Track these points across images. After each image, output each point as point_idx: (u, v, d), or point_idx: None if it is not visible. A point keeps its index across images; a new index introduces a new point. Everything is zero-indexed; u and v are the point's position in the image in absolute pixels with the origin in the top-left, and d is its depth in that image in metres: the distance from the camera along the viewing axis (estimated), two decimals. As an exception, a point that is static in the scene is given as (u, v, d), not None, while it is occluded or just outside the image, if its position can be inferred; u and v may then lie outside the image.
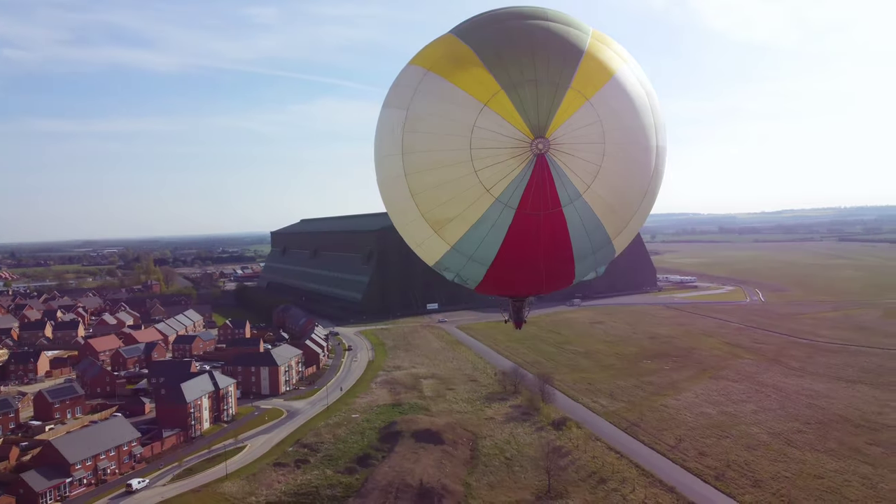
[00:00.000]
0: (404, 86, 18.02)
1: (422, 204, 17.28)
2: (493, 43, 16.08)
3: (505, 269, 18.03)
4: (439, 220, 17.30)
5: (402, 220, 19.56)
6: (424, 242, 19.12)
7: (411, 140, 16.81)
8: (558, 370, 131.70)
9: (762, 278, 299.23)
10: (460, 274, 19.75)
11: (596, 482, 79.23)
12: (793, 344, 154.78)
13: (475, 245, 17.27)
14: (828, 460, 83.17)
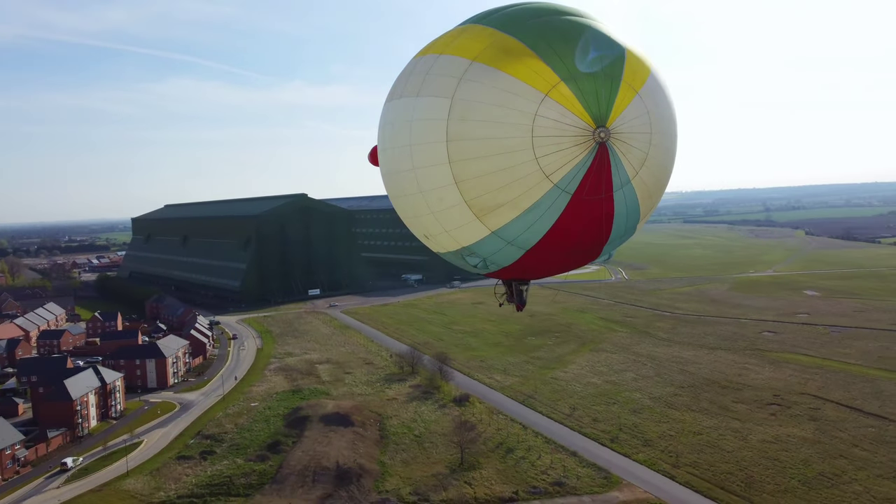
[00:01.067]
0: (441, 75, 18.68)
1: (469, 190, 17.88)
2: (543, 36, 17.15)
3: (543, 253, 19.09)
4: (487, 206, 17.96)
5: (425, 209, 20.10)
6: (456, 229, 19.72)
7: (461, 128, 17.42)
8: (450, 350, 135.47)
9: (623, 258, 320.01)
10: (488, 259, 20.58)
11: (504, 452, 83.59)
12: (658, 317, 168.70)
13: (522, 229, 18.12)
14: (703, 418, 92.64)
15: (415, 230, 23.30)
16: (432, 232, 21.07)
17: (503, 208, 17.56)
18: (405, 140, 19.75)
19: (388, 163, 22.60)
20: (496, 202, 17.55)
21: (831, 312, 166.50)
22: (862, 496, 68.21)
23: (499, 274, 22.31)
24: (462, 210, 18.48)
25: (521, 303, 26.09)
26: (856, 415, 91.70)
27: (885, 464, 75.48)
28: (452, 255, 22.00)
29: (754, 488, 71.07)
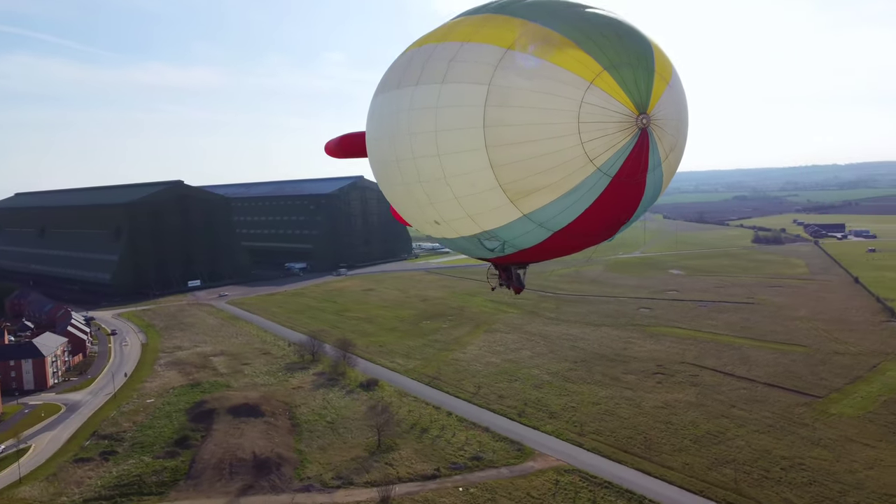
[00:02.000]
0: (471, 62, 19.26)
1: (507, 174, 18.51)
2: (578, 27, 18.03)
3: (571, 234, 19.86)
4: (525, 190, 18.62)
5: (446, 194, 20.56)
6: (482, 214, 20.28)
7: (501, 114, 18.05)
8: (347, 337, 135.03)
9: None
10: (509, 242, 21.18)
11: (419, 432, 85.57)
12: (544, 298, 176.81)
13: (557, 211, 18.90)
14: (598, 389, 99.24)
15: (420, 217, 23.86)
16: (449, 217, 21.57)
17: (543, 191, 18.41)
18: (425, 127, 20.23)
19: (387, 152, 23.23)
20: (536, 185, 18.38)
21: (695, 289, 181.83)
22: (744, 450, 76.32)
23: (512, 257, 22.82)
24: (495, 194, 19.16)
25: (519, 285, 27.08)
26: (729, 379, 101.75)
27: (760, 420, 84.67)
28: (464, 241, 22.63)
29: (653, 449, 77.55)
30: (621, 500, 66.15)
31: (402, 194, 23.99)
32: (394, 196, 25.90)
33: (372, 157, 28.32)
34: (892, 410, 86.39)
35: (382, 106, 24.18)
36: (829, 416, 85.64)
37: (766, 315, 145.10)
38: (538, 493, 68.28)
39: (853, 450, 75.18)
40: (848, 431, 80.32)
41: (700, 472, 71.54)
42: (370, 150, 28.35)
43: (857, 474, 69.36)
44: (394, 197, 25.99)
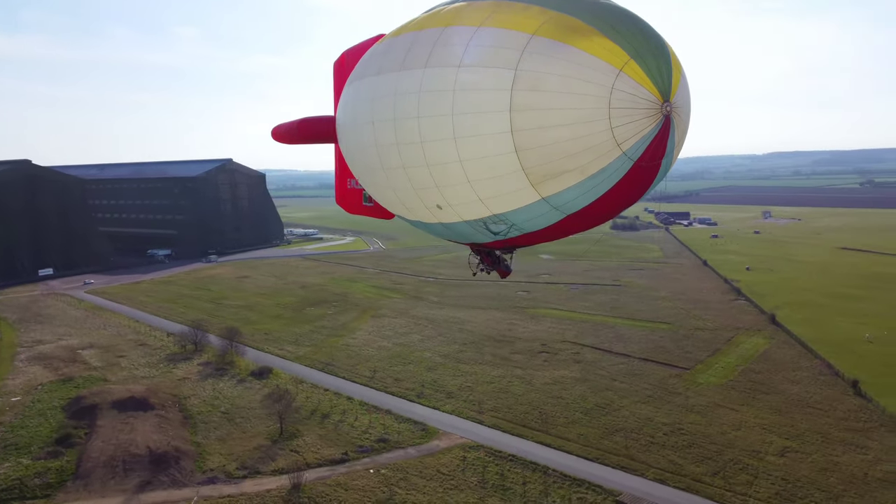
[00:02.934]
0: (497, 47, 19.39)
1: (532, 158, 18.92)
2: (601, 17, 18.60)
3: (584, 216, 20.47)
4: (550, 173, 19.06)
5: (458, 178, 20.66)
6: (495, 197, 20.55)
7: (531, 98, 18.39)
8: (228, 325, 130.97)
9: (374, 228, 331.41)
10: (517, 226, 21.57)
11: (321, 418, 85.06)
12: (425, 283, 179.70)
13: (578, 194, 19.43)
14: (490, 369, 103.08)
15: (415, 203, 23.89)
16: (456, 201, 21.81)
17: (567, 175, 18.96)
18: (439, 110, 20.36)
19: (373, 136, 23.68)
20: (561, 169, 18.90)
21: (566, 272, 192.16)
22: (629, 419, 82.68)
23: (512, 241, 23.27)
24: (516, 177, 19.56)
25: (507, 269, 27.53)
26: (608, 355, 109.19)
27: (640, 391, 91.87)
28: (465, 226, 22.97)
29: (549, 423, 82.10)
30: (527, 471, 69.73)
31: (393, 179, 23.99)
32: (376, 181, 26.04)
33: (347, 141, 28.43)
34: (748, 378, 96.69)
35: (370, 90, 24.27)
36: (698, 385, 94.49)
37: (632, 296, 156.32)
38: (448, 470, 70.40)
39: (721, 414, 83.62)
40: (715, 398, 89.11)
41: (594, 441, 76.77)
42: (345, 135, 28.48)
43: (727, 435, 77.35)
44: (376, 181, 26.15)
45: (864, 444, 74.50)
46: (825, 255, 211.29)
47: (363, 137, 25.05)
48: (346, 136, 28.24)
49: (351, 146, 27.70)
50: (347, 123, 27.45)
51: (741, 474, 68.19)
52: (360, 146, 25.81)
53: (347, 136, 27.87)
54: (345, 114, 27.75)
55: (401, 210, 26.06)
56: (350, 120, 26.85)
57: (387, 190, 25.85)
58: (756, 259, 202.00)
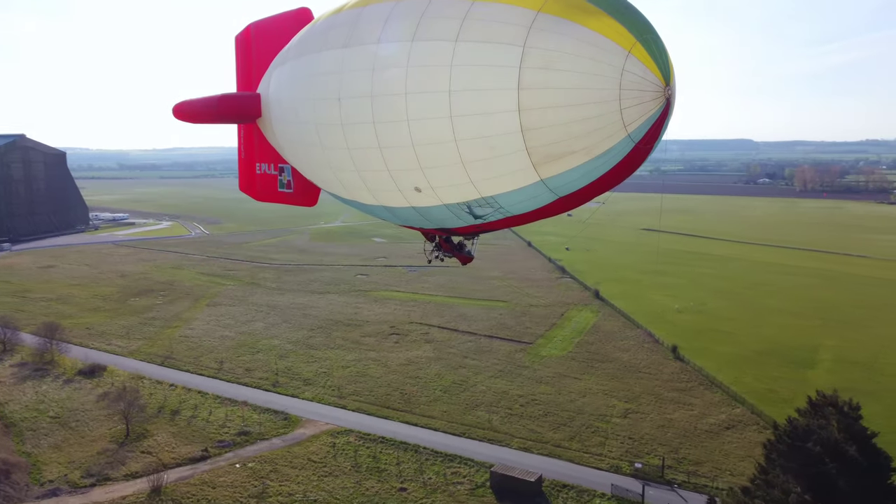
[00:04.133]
0: (500, 22, 18.53)
1: (538, 138, 18.23)
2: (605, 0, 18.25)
3: (575, 198, 20.05)
4: (555, 154, 18.46)
5: (450, 159, 19.69)
6: (489, 179, 19.79)
7: (541, 76, 17.69)
8: (42, 320, 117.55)
9: (191, 212, 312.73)
10: (504, 208, 20.85)
11: (170, 415, 79.45)
12: (259, 268, 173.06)
13: (578, 176, 18.95)
14: (344, 353, 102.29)
15: (386, 186, 22.38)
16: (441, 183, 20.88)
17: (572, 156, 18.45)
18: (434, 86, 19.32)
19: (328, 115, 22.16)
20: (568, 150, 18.35)
21: (401, 255, 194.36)
22: (487, 393, 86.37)
23: (490, 225, 22.39)
24: (517, 158, 18.89)
25: (468, 255, 26.69)
26: (456, 334, 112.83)
27: (491, 367, 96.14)
28: (442, 210, 21.93)
29: (412, 402, 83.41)
30: (399, 452, 70.48)
31: (358, 160, 22.45)
32: (330, 163, 24.30)
33: (284, 121, 26.56)
34: (585, 349, 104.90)
35: (334, 64, 22.39)
36: (542, 357, 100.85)
37: (467, 277, 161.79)
38: (318, 458, 69.16)
39: (567, 383, 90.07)
40: (559, 369, 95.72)
41: (458, 417, 79.31)
42: (283, 115, 26.58)
43: (576, 402, 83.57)
44: (329, 165, 24.41)
45: (689, 401, 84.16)
46: (631, 236, 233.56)
47: (319, 116, 23.29)
48: (284, 116, 26.30)
49: (291, 127, 25.85)
50: (290, 101, 25.48)
51: (594, 437, 74.18)
52: (309, 126, 23.98)
53: (287, 116, 25.98)
54: (287, 91, 25.77)
55: (362, 195, 24.50)
56: (296, 97, 24.82)
57: (338, 174, 24.20)
58: (573, 240, 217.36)
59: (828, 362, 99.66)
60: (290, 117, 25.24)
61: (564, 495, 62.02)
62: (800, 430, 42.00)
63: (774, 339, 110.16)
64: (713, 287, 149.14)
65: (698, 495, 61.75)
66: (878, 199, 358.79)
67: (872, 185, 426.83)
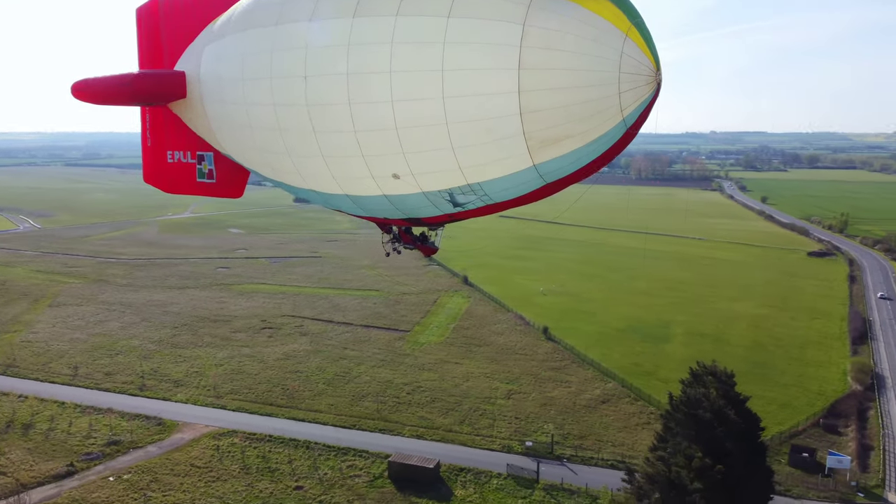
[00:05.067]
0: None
1: (537, 122, 17.37)
2: None
3: (561, 184, 19.41)
4: (552, 138, 17.68)
5: (439, 143, 18.49)
6: (478, 165, 18.79)
7: (544, 57, 16.81)
8: None
9: (16, 204, 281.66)
10: (489, 195, 19.85)
11: (22, 429, 71.36)
12: (106, 264, 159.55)
13: (570, 162, 18.30)
14: (215, 351, 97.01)
15: (357, 172, 20.57)
16: (425, 169, 19.54)
17: (569, 140, 17.80)
18: (426, 65, 17.93)
19: (313, 94, 19.91)
20: (565, 134, 17.65)
21: (262, 246, 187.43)
22: (372, 383, 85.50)
23: (474, 212, 21.26)
24: (513, 142, 17.94)
25: (432, 247, 25.35)
26: (331, 325, 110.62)
27: (373, 356, 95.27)
28: (419, 197, 20.65)
29: (296, 398, 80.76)
30: (289, 449, 68.04)
31: (326, 144, 20.39)
32: (289, 149, 21.81)
33: (222, 103, 23.92)
34: (461, 334, 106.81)
35: (296, 39, 20.29)
36: (421, 345, 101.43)
37: (335, 266, 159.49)
38: (203, 463, 65.15)
39: (449, 369, 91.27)
40: (439, 355, 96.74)
41: (345, 409, 77.88)
42: (223, 95, 23.93)
43: (460, 387, 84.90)
44: (288, 150, 21.89)
45: (565, 379, 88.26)
46: (487, 222, 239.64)
47: (278, 97, 21.04)
48: (224, 96, 23.62)
49: (233, 108, 23.22)
50: (233, 80, 22.67)
51: (482, 419, 75.78)
52: (262, 108, 21.63)
53: (228, 96, 23.39)
54: (229, 69, 22.96)
55: (319, 182, 22.23)
56: (245, 76, 22.15)
57: (305, 159, 21.74)
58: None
59: (681, 336, 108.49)
60: (233, 98, 22.64)
61: (462, 478, 62.90)
62: (692, 400, 45.36)
63: (633, 316, 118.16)
64: (573, 270, 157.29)
65: (587, 468, 65.13)
66: (702, 186, 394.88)
67: (696, 173, 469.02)
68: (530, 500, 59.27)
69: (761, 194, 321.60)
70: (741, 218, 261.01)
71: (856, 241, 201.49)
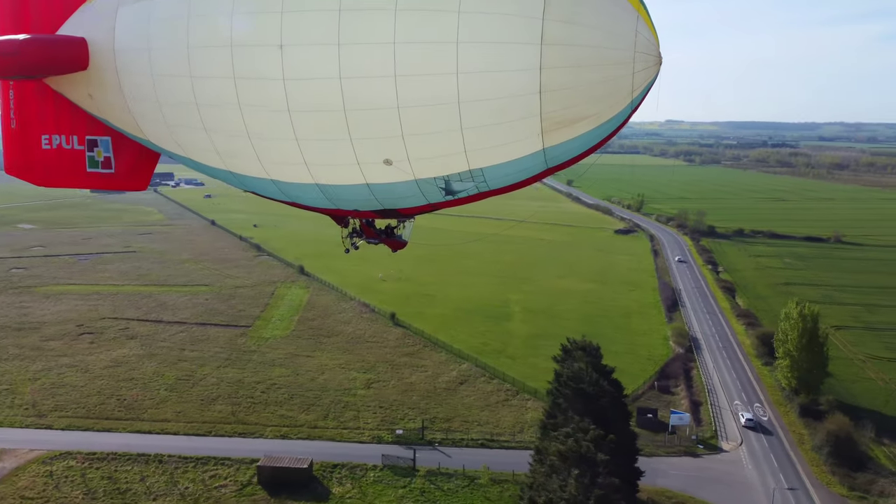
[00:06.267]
0: None
1: (555, 101, 16.08)
2: None
3: (557, 168, 18.37)
4: (567, 120, 16.51)
5: (452, 122, 16.72)
6: (483, 149, 17.29)
7: (568, 31, 15.55)
8: None
9: None
10: (488, 182, 18.43)
11: None
12: None
13: (578, 146, 17.27)
14: (27, 364, 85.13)
15: (348, 158, 17.93)
16: (423, 154, 17.58)
17: (584, 121, 16.73)
18: (432, 35, 16.03)
19: (291, 67, 16.93)
20: (582, 115, 16.54)
21: (63, 242, 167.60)
22: (221, 385, 79.84)
23: (464, 200, 19.54)
24: (527, 124, 16.62)
25: (400, 241, 23.23)
26: (162, 326, 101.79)
27: (216, 356, 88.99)
28: (410, 185, 18.56)
29: (136, 408, 73.22)
30: (139, 466, 61.51)
31: (303, 125, 17.59)
32: (251, 131, 18.47)
33: (164, 75, 19.59)
34: (307, 326, 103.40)
35: (272, 4, 16.95)
36: (267, 339, 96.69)
37: (154, 262, 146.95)
38: (35, 493, 56.90)
39: (302, 362, 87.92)
40: (288, 349, 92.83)
41: (196, 415, 72.03)
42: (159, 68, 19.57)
43: (317, 380, 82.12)
44: (250, 132, 18.54)
45: (420, 363, 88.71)
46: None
47: (240, 69, 17.67)
48: (154, 69, 19.33)
49: (168, 82, 19.04)
50: (169, 49, 18.91)
51: (346, 411, 73.89)
52: (214, 82, 18.25)
53: (162, 69, 19.13)
54: (162, 36, 18.76)
55: (285, 171, 19.24)
56: (190, 43, 18.40)
57: (270, 142, 18.61)
58: (258, 216, 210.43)
59: (519, 314, 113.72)
60: (171, 70, 18.90)
61: (338, 475, 60.89)
62: (576, 376, 47.46)
63: (472, 298, 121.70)
64: (407, 255, 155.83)
65: (458, 449, 65.94)
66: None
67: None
68: (410, 489, 58.84)
69: (566, 178, 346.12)
70: (551, 200, 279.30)
71: (652, 219, 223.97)
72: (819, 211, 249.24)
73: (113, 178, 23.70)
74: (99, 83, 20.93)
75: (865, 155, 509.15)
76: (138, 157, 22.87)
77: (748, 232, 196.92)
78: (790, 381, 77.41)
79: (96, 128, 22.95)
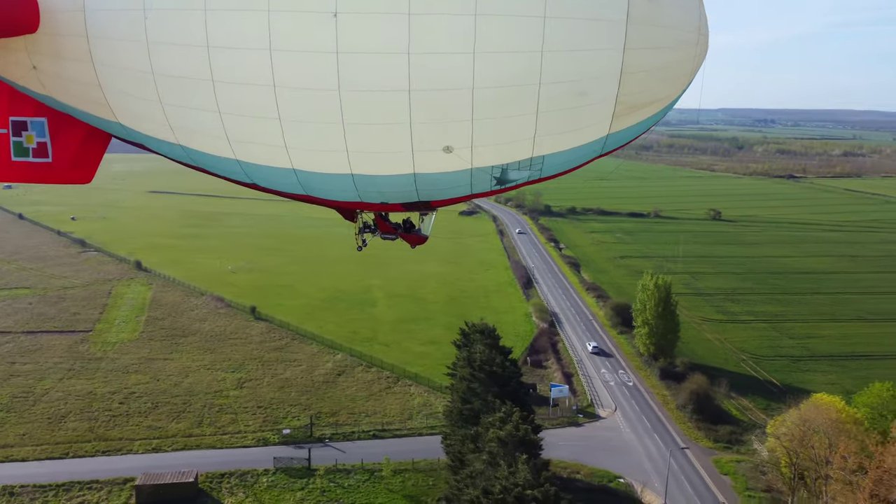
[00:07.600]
0: None
1: (632, 84, 15.29)
2: None
3: (602, 156, 17.85)
4: (639, 104, 15.88)
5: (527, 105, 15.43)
6: (553, 135, 16.14)
7: (650, 10, 14.83)
8: None
9: None
10: (549, 169, 17.43)
11: None
12: None
13: (638, 131, 16.70)
14: None
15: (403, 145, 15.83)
16: (490, 141, 15.98)
17: (652, 105, 16.07)
18: (523, 9, 14.49)
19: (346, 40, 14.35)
20: (653, 98, 15.88)
21: None
22: (68, 399, 71.27)
23: (508, 188, 18.16)
24: (601, 108, 15.60)
25: (420, 235, 20.84)
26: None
27: (55, 367, 79.13)
28: (462, 175, 16.87)
29: (-33, 435, 63.17)
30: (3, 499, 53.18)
31: (355, 109, 15.12)
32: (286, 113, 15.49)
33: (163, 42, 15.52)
34: (158, 326, 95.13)
35: None
36: (114, 344, 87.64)
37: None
38: None
39: (160, 367, 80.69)
40: (141, 353, 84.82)
41: (45, 436, 63.58)
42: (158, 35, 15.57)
43: (181, 385, 75.77)
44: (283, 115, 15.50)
45: (292, 358, 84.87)
46: (141, 199, 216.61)
47: (278, 40, 14.64)
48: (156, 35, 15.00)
49: (172, 52, 14.99)
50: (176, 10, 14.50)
51: (222, 415, 68.90)
52: (235, 53, 14.94)
53: (164, 35, 14.71)
54: None
55: (322, 160, 16.44)
56: (208, 6, 14.64)
57: (310, 125, 15.73)
58: (74, 208, 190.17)
59: (383, 299, 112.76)
60: (174, 38, 15.15)
61: (227, 485, 56.57)
62: (487, 360, 47.54)
63: (331, 286, 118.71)
64: (256, 245, 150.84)
65: (351, 443, 63.96)
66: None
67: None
68: (310, 490, 56.11)
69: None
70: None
71: (491, 200, 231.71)
72: (637, 189, 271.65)
73: (49, 168, 19.19)
74: (52, 51, 16.72)
75: (665, 137, 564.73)
76: (83, 142, 18.83)
77: (580, 210, 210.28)
78: (649, 348, 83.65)
79: (24, 107, 18.51)
